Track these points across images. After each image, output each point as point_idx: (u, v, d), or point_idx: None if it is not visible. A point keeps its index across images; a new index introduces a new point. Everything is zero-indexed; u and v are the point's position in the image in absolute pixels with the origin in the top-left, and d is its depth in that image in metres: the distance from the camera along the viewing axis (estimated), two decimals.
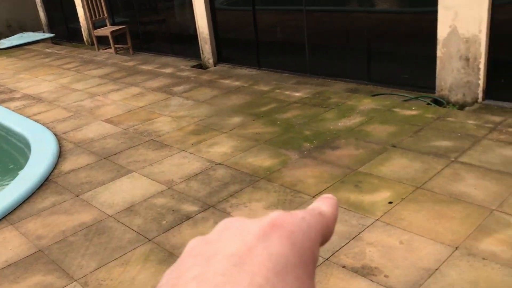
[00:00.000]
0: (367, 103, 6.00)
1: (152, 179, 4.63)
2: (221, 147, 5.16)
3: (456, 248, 3.17)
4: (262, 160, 4.75)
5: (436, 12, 5.89)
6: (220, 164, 4.78)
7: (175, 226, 3.82)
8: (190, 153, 5.11)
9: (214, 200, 4.12)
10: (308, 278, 0.38)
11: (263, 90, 7.03)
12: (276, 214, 0.41)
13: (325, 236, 0.43)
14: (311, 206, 0.45)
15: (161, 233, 3.75)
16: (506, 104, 5.59)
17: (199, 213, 3.96)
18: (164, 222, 3.90)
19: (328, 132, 5.24)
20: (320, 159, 4.64)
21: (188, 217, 3.92)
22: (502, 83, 5.72)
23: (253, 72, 8.43)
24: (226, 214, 3.88)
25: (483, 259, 3.04)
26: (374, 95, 6.49)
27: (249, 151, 4.99)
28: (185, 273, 0.36)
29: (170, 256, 3.47)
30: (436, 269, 3.00)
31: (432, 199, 3.74)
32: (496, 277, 2.88)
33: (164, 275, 0.38)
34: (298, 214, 0.42)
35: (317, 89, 6.81)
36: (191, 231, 3.72)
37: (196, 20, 9.24)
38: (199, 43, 9.39)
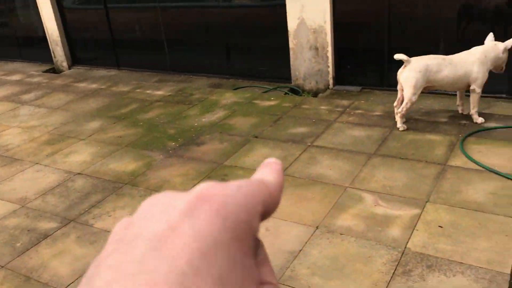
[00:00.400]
0: (229, 97, 6.09)
1: (1, 199, 4.18)
2: (80, 156, 4.85)
3: (317, 227, 3.36)
4: (125, 165, 4.56)
5: (284, 5, 6.17)
6: (79, 174, 4.48)
7: (31, 247, 3.49)
8: (45, 165, 4.72)
9: (74, 213, 3.85)
10: (244, 255, 0.33)
11: (123, 91, 6.76)
12: (206, 185, 0.35)
13: (268, 206, 0.37)
14: (254, 175, 0.39)
15: (16, 257, 3.41)
16: (353, 88, 6.08)
17: (58, 229, 3.67)
18: (19, 244, 3.55)
19: (192, 129, 5.22)
20: (185, 156, 4.60)
21: (46, 235, 3.61)
22: (348, 69, 6.21)
23: (112, 72, 8.07)
24: (88, 226, 3.66)
25: (341, 234, 3.27)
26: (235, 89, 6.62)
27: (111, 157, 4.76)
28: (103, 261, 0.31)
29: (27, 280, 3.16)
30: (300, 250, 3.15)
31: (293, 183, 3.92)
32: (352, 250, 3.11)
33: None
34: (232, 184, 0.36)
35: (179, 86, 6.74)
36: (51, 250, 3.43)
37: (43, 21, 8.55)
38: (50, 46, 8.72)
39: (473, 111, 4.61)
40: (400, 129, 4.59)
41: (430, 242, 3.09)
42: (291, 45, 6.33)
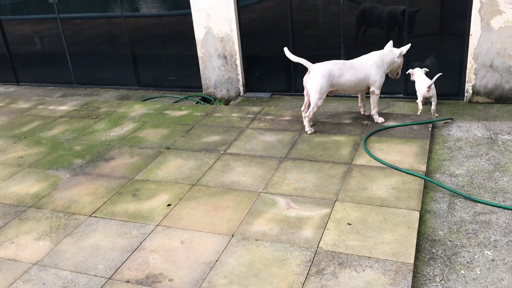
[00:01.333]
0: (138, 109, 5.94)
1: None
2: None
3: (232, 235, 3.37)
4: (28, 187, 4.28)
5: (191, 14, 6.15)
6: None
7: None
8: None
9: None
10: None
11: (23, 107, 6.35)
12: None
13: None
14: None
15: None
16: (263, 95, 6.20)
17: None
18: None
19: (100, 144, 5.02)
20: (94, 174, 4.41)
21: None
22: (257, 77, 6.32)
23: (11, 89, 7.56)
24: None
25: (256, 240, 3.30)
26: (145, 100, 6.48)
27: (12, 179, 4.44)
28: None
29: None
30: (217, 260, 3.14)
31: (207, 193, 3.91)
32: (268, 255, 3.15)
33: None
34: None
35: (85, 100, 6.46)
36: None
37: None
38: None
39: (374, 111, 4.88)
40: (308, 132, 4.75)
41: (340, 239, 3.22)
42: (199, 54, 6.32)
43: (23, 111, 6.23)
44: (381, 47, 4.83)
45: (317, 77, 4.59)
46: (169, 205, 3.80)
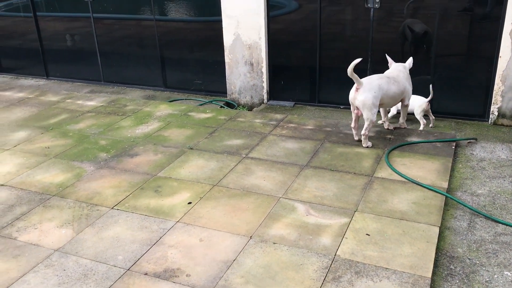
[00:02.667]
0: (164, 109, 6.04)
1: None
2: (4, 166, 4.59)
3: (251, 237, 3.40)
4: (53, 176, 4.38)
5: (221, 21, 6.26)
6: (2, 185, 4.24)
7: None
8: None
9: None
10: None
11: (52, 100, 6.51)
12: None
13: None
14: None
15: None
16: (286, 103, 6.25)
17: None
18: None
19: (125, 140, 5.11)
20: (118, 168, 4.49)
21: None
22: (281, 85, 6.38)
23: (41, 82, 7.75)
24: (12, 240, 3.46)
25: (274, 243, 3.33)
26: (171, 101, 6.58)
27: (38, 168, 4.55)
28: None
29: None
30: (234, 260, 3.17)
31: (228, 194, 3.95)
32: (284, 258, 3.17)
33: None
34: None
35: (112, 97, 6.59)
36: None
37: None
38: None
39: (403, 120, 5.02)
40: (368, 146, 4.66)
41: (358, 249, 3.23)
42: (226, 59, 6.41)
43: (51, 103, 6.38)
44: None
45: (369, 92, 4.50)
46: (189, 203, 3.85)
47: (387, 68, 4.94)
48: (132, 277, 3.05)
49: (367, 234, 3.37)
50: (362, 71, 5.76)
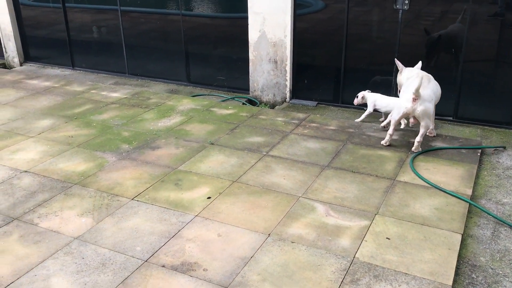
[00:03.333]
0: (186, 103, 6.06)
1: None
2: (28, 153, 4.67)
3: (269, 235, 3.38)
4: (75, 165, 4.43)
5: (247, 18, 6.24)
6: (26, 171, 4.31)
7: None
8: None
9: (18, 211, 3.69)
10: None
11: (77, 90, 6.59)
12: None
13: None
14: None
15: None
16: (309, 103, 6.20)
17: (0, 227, 3.49)
18: None
19: (148, 133, 5.14)
20: (139, 160, 4.52)
21: None
22: (305, 84, 6.33)
23: (66, 72, 7.85)
24: (33, 225, 3.51)
25: (292, 242, 3.30)
26: (193, 96, 6.60)
27: (61, 156, 4.61)
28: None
29: None
30: (251, 257, 3.16)
31: (247, 191, 3.94)
32: (302, 258, 3.14)
33: None
34: None
35: (136, 90, 6.64)
36: None
37: None
38: (1, 41, 8.39)
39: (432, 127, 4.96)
40: (420, 150, 4.58)
41: (378, 252, 3.18)
42: (251, 56, 6.40)
43: (76, 93, 6.46)
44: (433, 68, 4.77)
45: (428, 102, 4.43)
46: (209, 197, 3.85)
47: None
48: (150, 268, 3.06)
49: (387, 238, 3.32)
50: (388, 74, 5.69)
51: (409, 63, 5.05)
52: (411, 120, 4.61)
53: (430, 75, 4.74)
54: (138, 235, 3.39)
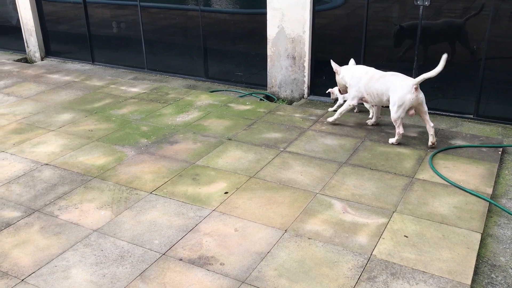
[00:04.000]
0: (204, 99, 6.08)
1: None
2: (48, 146, 4.74)
3: (286, 230, 3.38)
4: (95, 158, 4.49)
5: (265, 14, 6.23)
6: (46, 164, 4.38)
7: None
8: (11, 154, 4.59)
9: (39, 203, 3.76)
10: None
11: (96, 85, 6.66)
12: None
13: None
14: None
15: None
16: (327, 99, 6.17)
17: (21, 218, 3.57)
18: None
19: (166, 127, 5.18)
20: (158, 154, 4.56)
21: (8, 224, 3.51)
22: (323, 80, 6.30)
23: (86, 67, 7.95)
24: (53, 217, 3.57)
25: (309, 238, 3.30)
26: (211, 92, 6.62)
27: (81, 149, 4.67)
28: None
29: None
30: (268, 252, 3.16)
31: (264, 186, 3.94)
32: (319, 254, 3.14)
33: None
34: None
35: (155, 85, 6.69)
36: (12, 239, 3.33)
37: (19, 10, 8.36)
38: (24, 35, 8.52)
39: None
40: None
41: (395, 250, 3.16)
42: (269, 52, 6.39)
43: (96, 88, 6.53)
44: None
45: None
46: (226, 192, 3.87)
47: (435, 66, 4.77)
48: (167, 261, 3.09)
49: (405, 236, 3.30)
50: (408, 70, 5.63)
51: (431, 60, 4.98)
52: (412, 111, 4.52)
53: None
54: (156, 229, 3.43)
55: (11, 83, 6.79)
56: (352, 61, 5.25)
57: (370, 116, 5.24)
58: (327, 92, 5.74)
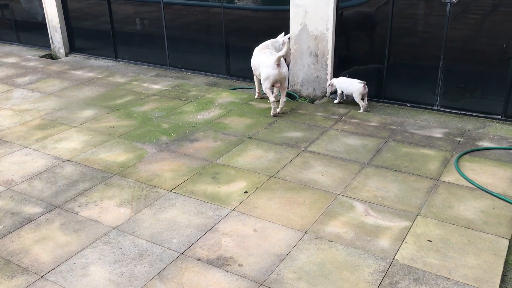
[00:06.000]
0: (225, 97, 6.05)
1: None
2: (70, 143, 4.78)
3: (305, 232, 3.33)
4: (116, 155, 4.50)
5: (288, 10, 6.16)
6: (68, 160, 4.41)
7: (14, 231, 3.42)
8: (34, 149, 4.64)
9: (60, 200, 3.78)
10: None
11: (119, 82, 6.70)
12: None
13: None
14: None
15: None
16: (350, 98, 6.06)
17: (42, 214, 3.59)
18: (1, 227, 3.47)
19: (187, 125, 5.17)
20: (178, 152, 4.55)
21: (30, 219, 3.54)
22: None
23: (109, 63, 8.01)
24: (74, 214, 3.59)
25: (329, 241, 3.23)
26: (233, 89, 6.59)
27: (102, 146, 4.69)
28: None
29: (6, 264, 3.09)
30: (287, 254, 3.11)
31: (284, 187, 3.89)
32: (339, 258, 3.08)
33: None
34: None
35: (176, 82, 6.69)
36: (33, 235, 3.36)
37: (44, 7, 8.47)
38: (49, 32, 8.64)
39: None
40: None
41: (418, 255, 3.07)
42: (291, 50, 6.31)
43: (118, 85, 6.57)
44: None
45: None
46: (245, 192, 3.83)
47: (463, 66, 4.63)
48: (185, 261, 3.07)
49: (428, 240, 3.21)
50: (433, 70, 5.49)
51: (457, 59, 4.84)
52: (278, 84, 5.32)
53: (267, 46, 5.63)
54: (175, 227, 3.41)
55: (36, 79, 6.88)
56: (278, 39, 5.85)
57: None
58: (328, 84, 6.00)
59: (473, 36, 5.46)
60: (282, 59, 5.26)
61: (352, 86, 5.62)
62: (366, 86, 5.54)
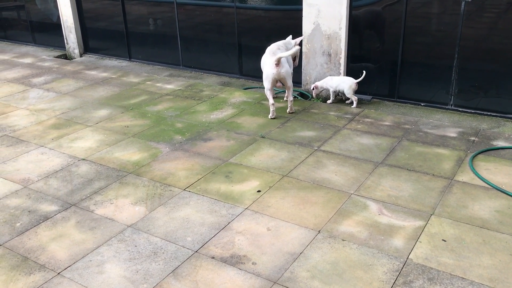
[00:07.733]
0: (238, 96, 6.07)
1: (4, 178, 4.16)
2: (85, 142, 4.84)
3: (319, 231, 3.33)
4: (130, 154, 4.55)
5: (301, 10, 6.16)
6: (83, 159, 4.47)
7: (31, 228, 3.48)
8: (50, 148, 4.71)
9: (76, 198, 3.83)
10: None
11: (133, 81, 6.76)
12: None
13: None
14: None
15: (15, 237, 3.39)
16: (363, 97, 6.05)
17: (58, 212, 3.65)
18: (18, 224, 3.53)
19: (200, 124, 5.20)
20: (191, 151, 4.58)
21: (46, 217, 3.60)
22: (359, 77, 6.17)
23: (123, 63, 8.08)
24: (89, 212, 3.63)
25: (343, 240, 3.24)
26: (245, 89, 6.61)
27: (117, 145, 4.74)
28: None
29: (24, 261, 3.14)
30: (301, 253, 3.12)
31: (297, 186, 3.90)
32: (353, 257, 3.07)
33: None
34: None
35: (190, 82, 6.73)
36: (50, 233, 3.41)
37: (59, 7, 8.58)
38: (63, 32, 8.74)
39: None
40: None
41: (433, 255, 3.06)
42: (304, 49, 6.31)
43: (132, 84, 6.63)
44: None
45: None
46: (259, 191, 3.84)
47: (477, 65, 4.60)
48: (199, 259, 3.09)
49: (443, 240, 3.19)
50: (447, 69, 5.45)
51: (472, 58, 4.80)
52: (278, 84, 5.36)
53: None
54: (189, 226, 3.44)
55: (51, 79, 6.96)
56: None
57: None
58: (311, 88, 6.03)
59: (487, 35, 5.41)
60: (283, 59, 5.25)
61: (344, 82, 5.73)
62: (357, 84, 5.70)
